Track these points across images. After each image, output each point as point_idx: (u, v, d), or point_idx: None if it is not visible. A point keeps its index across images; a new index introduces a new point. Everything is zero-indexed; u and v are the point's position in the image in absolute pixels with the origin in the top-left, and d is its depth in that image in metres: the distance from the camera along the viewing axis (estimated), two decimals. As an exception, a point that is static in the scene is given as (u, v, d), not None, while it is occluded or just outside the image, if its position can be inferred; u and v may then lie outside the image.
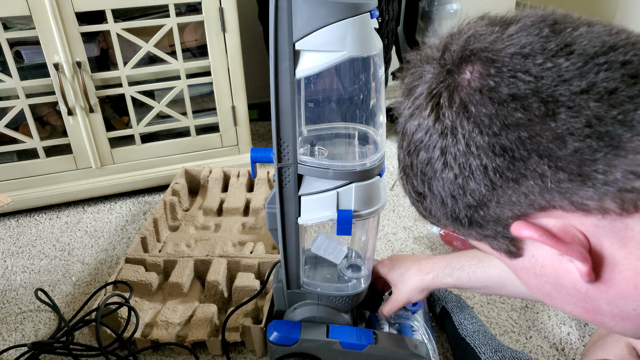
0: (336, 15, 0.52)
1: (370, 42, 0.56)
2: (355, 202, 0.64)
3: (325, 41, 0.54)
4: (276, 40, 0.55)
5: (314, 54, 0.55)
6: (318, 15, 0.52)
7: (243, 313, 0.93)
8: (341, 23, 0.52)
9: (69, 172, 1.33)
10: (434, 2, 1.58)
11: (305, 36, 0.54)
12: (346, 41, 0.53)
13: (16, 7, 1.13)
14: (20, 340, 0.97)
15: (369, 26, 0.55)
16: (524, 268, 0.39)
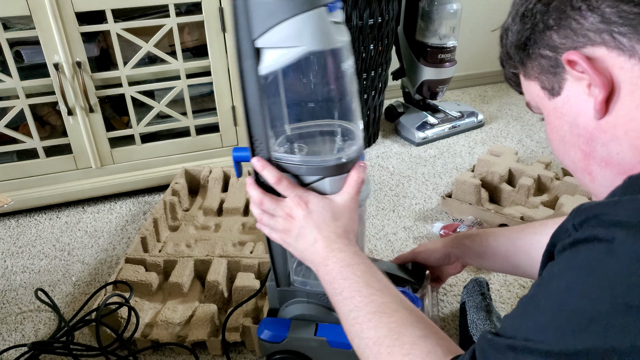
0: (291, 10, 0.53)
1: (329, 35, 0.56)
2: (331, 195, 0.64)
3: (284, 37, 0.54)
4: (237, 39, 0.56)
5: (274, 51, 0.56)
6: (274, 11, 0.53)
7: (243, 313, 0.93)
8: (297, 18, 0.53)
9: (69, 172, 1.33)
10: (434, 2, 1.58)
11: (263, 33, 0.54)
12: (304, 36, 0.54)
13: (16, 7, 1.13)
14: (20, 340, 0.97)
15: (326, 20, 0.55)
16: (556, 108, 0.47)
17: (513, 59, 0.52)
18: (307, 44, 0.55)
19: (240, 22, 0.55)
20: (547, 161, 1.36)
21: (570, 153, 0.49)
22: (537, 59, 0.48)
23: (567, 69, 0.45)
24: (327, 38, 0.56)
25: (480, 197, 1.27)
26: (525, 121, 1.84)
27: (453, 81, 2.00)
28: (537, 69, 0.48)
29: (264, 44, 0.56)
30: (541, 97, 0.49)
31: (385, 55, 1.57)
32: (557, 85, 0.47)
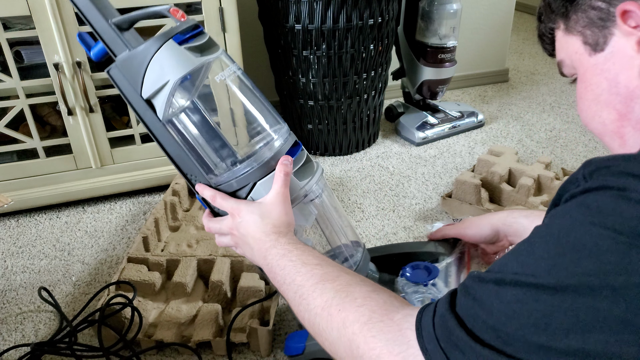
0: (146, 58, 0.61)
1: (184, 60, 0.63)
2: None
3: (155, 80, 0.62)
4: (129, 101, 0.65)
5: (159, 95, 0.64)
6: (138, 66, 0.62)
7: (249, 314, 0.93)
8: (153, 61, 0.61)
9: (69, 172, 1.33)
10: (434, 2, 1.58)
11: (142, 86, 0.63)
12: (165, 71, 0.62)
13: (16, 7, 1.12)
14: (20, 340, 0.97)
15: (175, 50, 0.62)
16: (596, 65, 0.45)
17: (555, 11, 0.50)
18: (171, 76, 0.62)
19: (124, 87, 0.64)
20: (547, 161, 1.36)
21: (602, 113, 0.47)
22: (586, 10, 0.45)
23: (617, 23, 0.43)
24: (184, 63, 0.62)
25: (480, 197, 1.27)
26: (525, 121, 1.84)
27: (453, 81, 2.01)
28: (583, 21, 0.46)
29: (148, 94, 0.63)
30: (580, 53, 0.47)
31: (385, 55, 1.57)
32: (602, 40, 0.45)
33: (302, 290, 0.53)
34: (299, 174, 0.71)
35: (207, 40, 0.67)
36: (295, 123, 1.64)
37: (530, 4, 3.31)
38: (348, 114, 1.57)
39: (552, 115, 1.88)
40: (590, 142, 1.68)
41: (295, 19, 1.40)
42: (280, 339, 0.95)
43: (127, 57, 0.63)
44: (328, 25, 1.39)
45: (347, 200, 1.40)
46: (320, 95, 1.52)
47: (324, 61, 1.45)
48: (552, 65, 2.40)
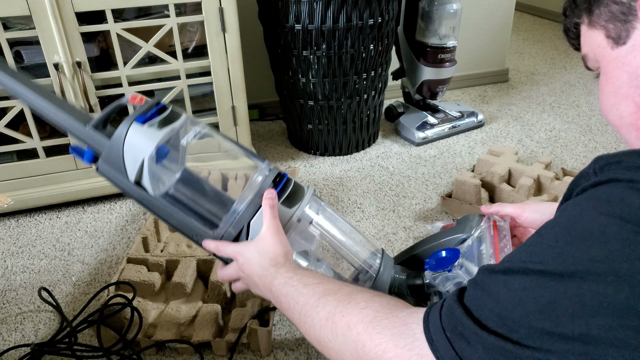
0: (119, 145, 0.68)
1: (150, 137, 0.69)
2: None
3: (133, 162, 0.69)
4: (124, 189, 0.71)
5: (143, 175, 0.70)
6: (115, 153, 0.69)
7: (249, 314, 0.93)
8: (125, 146, 0.68)
9: (69, 172, 1.33)
10: (434, 2, 1.58)
11: (126, 172, 0.70)
12: (137, 152, 0.68)
13: (16, 7, 1.13)
14: (20, 340, 0.97)
15: (141, 129, 0.69)
16: (617, 58, 0.46)
17: (579, 6, 0.51)
18: (143, 154, 0.68)
19: (114, 177, 0.71)
20: (547, 161, 1.36)
21: (620, 106, 0.47)
22: (609, 4, 0.46)
23: (639, 16, 0.44)
24: (150, 140, 0.68)
25: (480, 197, 1.27)
26: (525, 121, 1.84)
27: (453, 81, 2.01)
28: (605, 15, 0.47)
29: (133, 176, 0.70)
30: (603, 46, 0.48)
31: (385, 55, 1.57)
32: (625, 33, 0.45)
33: (305, 308, 0.54)
34: (288, 202, 0.73)
35: (170, 113, 0.73)
36: (295, 123, 1.64)
37: (530, 4, 3.31)
38: (348, 114, 1.57)
39: (552, 115, 1.88)
40: (590, 142, 1.68)
41: (295, 19, 1.40)
42: (279, 339, 0.95)
43: (106, 151, 0.70)
44: (328, 25, 1.39)
45: (347, 200, 1.40)
46: (320, 95, 1.52)
47: (324, 61, 1.45)
48: (552, 65, 2.40)
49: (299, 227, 0.73)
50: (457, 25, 1.63)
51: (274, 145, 1.74)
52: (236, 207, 0.71)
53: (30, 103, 0.72)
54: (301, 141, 1.67)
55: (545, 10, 3.22)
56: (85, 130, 0.71)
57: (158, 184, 0.74)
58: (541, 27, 3.03)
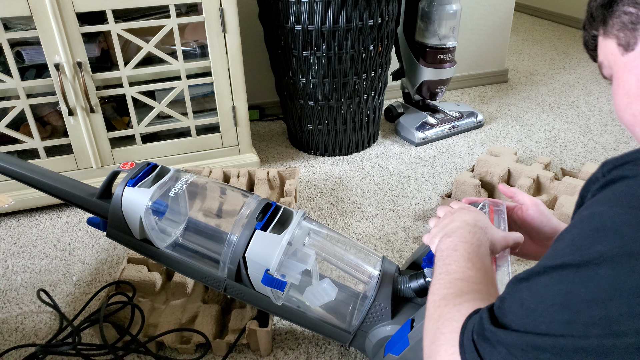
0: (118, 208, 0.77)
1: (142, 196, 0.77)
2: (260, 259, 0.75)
3: (133, 222, 0.77)
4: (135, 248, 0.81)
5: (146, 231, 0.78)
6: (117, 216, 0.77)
7: (248, 315, 0.93)
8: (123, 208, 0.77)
9: (70, 172, 1.33)
10: (434, 2, 1.58)
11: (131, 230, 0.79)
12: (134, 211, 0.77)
13: (17, 8, 1.13)
14: (20, 340, 0.97)
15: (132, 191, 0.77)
16: (627, 63, 0.50)
17: (596, 19, 0.55)
18: (139, 212, 0.76)
19: (122, 239, 0.80)
20: (547, 161, 1.36)
21: (633, 106, 0.51)
22: (620, 15, 0.51)
23: None
24: (142, 198, 0.76)
25: (479, 197, 1.27)
26: (525, 121, 1.85)
27: (453, 81, 2.01)
28: (617, 25, 0.52)
29: (137, 234, 0.79)
30: (615, 54, 0.53)
31: (385, 56, 1.57)
32: (633, 40, 0.50)
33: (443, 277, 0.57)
34: (277, 229, 0.75)
35: (159, 170, 0.81)
36: (296, 123, 1.64)
37: (530, 4, 3.32)
38: (348, 114, 1.58)
39: (552, 115, 1.89)
40: (590, 142, 1.68)
41: (295, 20, 1.40)
42: (280, 339, 0.95)
43: (110, 217, 0.78)
44: (328, 26, 1.39)
45: (347, 200, 1.40)
46: (320, 95, 1.52)
47: (324, 62, 1.45)
48: (551, 65, 2.40)
49: (291, 250, 0.75)
50: (457, 26, 1.64)
51: (274, 146, 1.74)
52: (229, 242, 0.75)
53: (40, 186, 0.83)
54: (301, 141, 1.68)
55: (544, 11, 3.22)
56: (93, 202, 0.80)
57: (163, 237, 0.81)
58: (541, 28, 3.03)
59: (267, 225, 0.75)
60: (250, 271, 0.74)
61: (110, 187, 0.81)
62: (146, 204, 0.76)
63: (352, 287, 0.83)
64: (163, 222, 0.81)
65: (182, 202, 0.84)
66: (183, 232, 0.83)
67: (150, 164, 0.81)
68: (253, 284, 0.76)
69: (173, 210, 0.82)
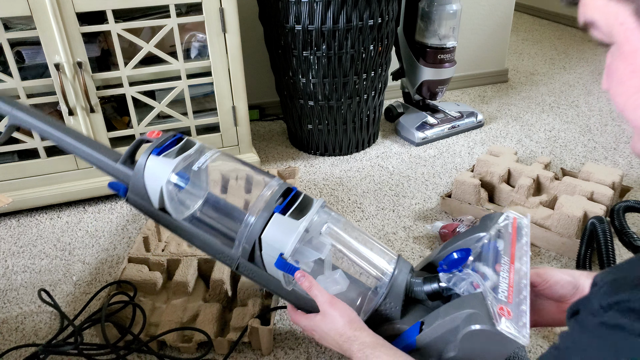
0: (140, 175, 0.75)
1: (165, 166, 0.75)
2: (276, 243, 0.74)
3: (154, 190, 0.75)
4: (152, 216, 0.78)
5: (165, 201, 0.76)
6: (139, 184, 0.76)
7: (249, 313, 0.93)
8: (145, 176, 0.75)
9: (70, 172, 1.33)
10: (434, 2, 1.58)
11: (150, 199, 0.76)
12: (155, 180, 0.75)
13: (17, 8, 1.13)
14: (20, 340, 0.97)
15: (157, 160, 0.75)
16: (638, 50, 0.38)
17: None
18: (160, 182, 0.75)
19: (141, 206, 0.78)
20: (547, 161, 1.36)
21: None
22: None
23: None
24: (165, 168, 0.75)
25: (479, 197, 1.27)
26: (525, 121, 1.85)
27: (453, 81, 2.01)
28: None
29: (157, 203, 0.76)
30: (627, 25, 0.38)
31: (385, 56, 1.57)
32: None
33: None
34: (297, 214, 0.74)
35: (185, 142, 0.79)
36: (296, 123, 1.64)
37: (530, 4, 3.32)
38: (348, 114, 1.58)
39: (552, 115, 1.89)
40: (590, 142, 1.68)
41: (295, 20, 1.40)
42: (280, 338, 0.95)
43: (131, 183, 0.77)
44: (328, 26, 1.39)
45: (347, 200, 1.40)
46: (320, 95, 1.52)
47: (324, 61, 1.45)
48: (551, 65, 2.40)
49: (307, 238, 0.75)
50: (457, 26, 1.64)
51: (274, 145, 1.74)
52: (247, 222, 0.74)
53: (66, 147, 0.80)
54: (301, 141, 1.68)
55: (545, 11, 3.22)
56: (116, 166, 0.78)
57: (181, 209, 0.79)
58: (541, 27, 3.04)
59: (286, 210, 0.74)
60: (264, 253, 0.74)
61: (134, 154, 0.79)
62: (168, 174, 0.75)
63: (364, 282, 0.82)
64: (183, 194, 0.80)
65: (204, 176, 0.82)
66: (202, 207, 0.81)
67: (177, 135, 0.79)
68: (266, 265, 0.75)
69: (194, 183, 0.81)
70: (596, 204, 1.15)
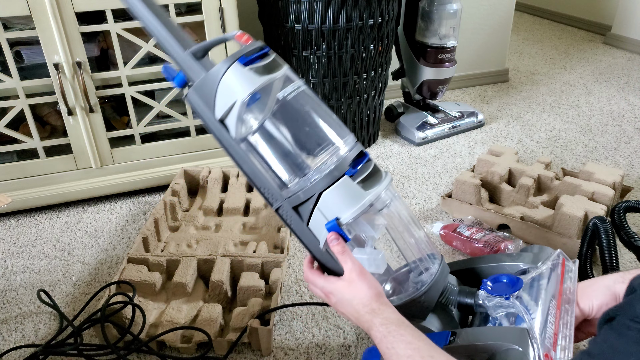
0: (215, 80, 0.67)
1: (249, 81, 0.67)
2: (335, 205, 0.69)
3: (225, 101, 0.68)
4: (207, 124, 0.71)
5: (230, 115, 0.69)
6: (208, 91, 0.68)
7: (249, 314, 0.93)
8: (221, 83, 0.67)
9: (69, 172, 1.33)
10: (434, 2, 1.58)
11: (214, 108, 0.69)
12: (232, 93, 0.67)
13: (16, 7, 1.12)
14: (20, 341, 0.97)
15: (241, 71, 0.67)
16: None
17: None
18: (238, 96, 0.67)
19: (200, 109, 0.70)
20: (547, 161, 1.36)
21: None
22: None
23: None
24: (248, 83, 0.67)
25: (480, 197, 1.27)
26: (525, 121, 1.84)
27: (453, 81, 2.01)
28: None
29: (220, 114, 0.69)
30: None
31: (385, 56, 1.57)
32: None
33: None
34: (365, 184, 0.70)
35: (272, 60, 0.71)
36: (295, 123, 1.64)
37: (530, 4, 3.32)
38: (348, 114, 1.57)
39: (552, 115, 1.88)
40: (590, 142, 1.68)
41: (295, 19, 1.40)
42: (280, 338, 0.95)
43: (200, 82, 0.69)
44: (328, 26, 1.39)
45: (347, 200, 1.40)
46: (320, 95, 1.52)
47: (324, 61, 1.45)
48: (551, 65, 2.40)
49: (369, 212, 0.71)
50: (457, 25, 1.63)
51: (274, 145, 1.74)
52: (312, 175, 0.70)
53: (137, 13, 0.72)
54: (301, 141, 1.67)
55: (545, 10, 3.22)
56: (183, 55, 0.70)
57: (241, 128, 0.71)
58: (541, 27, 3.03)
59: (357, 176, 0.70)
60: (318, 209, 0.70)
61: (209, 50, 0.72)
62: (248, 91, 0.67)
63: (403, 271, 0.80)
64: (250, 114, 0.73)
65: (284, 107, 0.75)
66: (265, 135, 0.74)
67: (265, 49, 0.72)
68: (311, 220, 0.71)
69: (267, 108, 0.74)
70: (597, 204, 1.15)
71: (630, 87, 2.11)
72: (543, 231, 1.15)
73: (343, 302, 0.68)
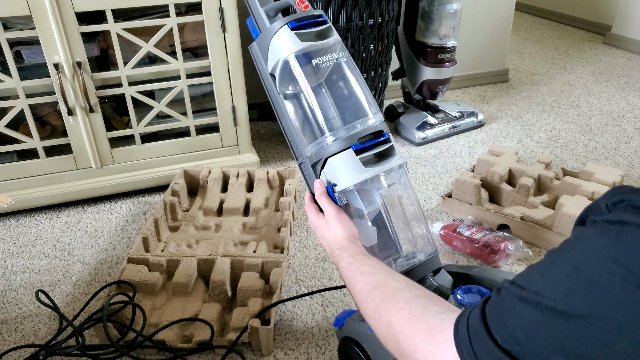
0: (268, 38, 0.76)
1: (293, 44, 0.74)
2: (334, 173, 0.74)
3: (273, 58, 0.77)
4: (260, 73, 0.80)
5: (277, 70, 0.77)
6: (264, 43, 0.77)
7: (250, 313, 0.93)
8: (272, 41, 0.76)
9: (69, 172, 1.33)
10: (434, 2, 1.58)
11: (267, 63, 0.78)
12: (279, 51, 0.76)
13: (16, 7, 1.13)
14: (20, 341, 0.97)
15: (289, 34, 0.75)
16: None
17: None
18: (282, 55, 0.75)
19: (258, 61, 0.80)
20: (547, 161, 1.36)
21: None
22: None
23: None
24: (292, 46, 0.75)
25: (480, 197, 1.27)
26: (525, 121, 1.84)
27: (453, 81, 2.01)
28: None
29: (270, 68, 0.78)
30: None
31: (385, 56, 1.57)
32: None
33: (360, 297, 0.62)
34: (367, 162, 0.74)
35: (325, 29, 0.78)
36: (295, 123, 1.64)
37: (530, 4, 3.32)
38: (348, 114, 1.57)
39: (552, 115, 1.88)
40: (590, 142, 1.68)
41: (295, 19, 1.40)
42: (280, 339, 0.95)
43: (260, 37, 0.78)
44: (328, 25, 1.39)
45: (347, 200, 1.40)
46: (320, 95, 1.52)
47: (324, 61, 1.45)
48: (552, 65, 2.40)
49: (364, 187, 0.75)
50: (457, 26, 1.63)
51: (274, 145, 1.74)
52: (323, 140, 0.75)
53: None
54: (301, 141, 1.67)
55: (545, 10, 3.22)
56: (260, 11, 0.79)
57: (287, 86, 0.79)
58: (541, 27, 3.03)
59: (362, 150, 0.74)
60: (323, 172, 0.76)
61: (278, 11, 0.80)
62: (290, 52, 0.75)
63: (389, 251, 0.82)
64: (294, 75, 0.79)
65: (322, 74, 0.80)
66: (305, 95, 0.79)
67: (321, 17, 0.78)
68: None
69: (311, 72, 0.79)
70: (597, 204, 1.15)
71: (630, 87, 2.11)
72: (543, 231, 1.15)
73: (321, 238, 0.76)
